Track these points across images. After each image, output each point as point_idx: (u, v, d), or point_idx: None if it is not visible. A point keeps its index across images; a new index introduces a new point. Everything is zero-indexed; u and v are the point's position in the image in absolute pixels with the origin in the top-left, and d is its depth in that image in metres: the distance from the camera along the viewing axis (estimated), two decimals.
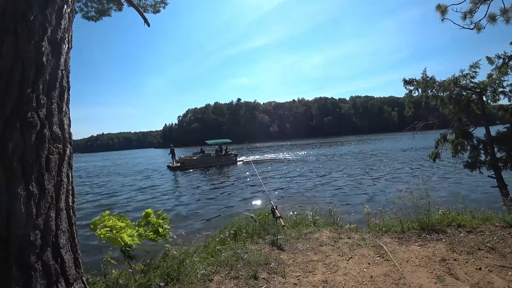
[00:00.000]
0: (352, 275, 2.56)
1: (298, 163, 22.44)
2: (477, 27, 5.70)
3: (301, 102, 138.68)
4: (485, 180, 7.46)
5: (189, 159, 22.45)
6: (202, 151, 24.23)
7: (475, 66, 6.39)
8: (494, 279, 2.35)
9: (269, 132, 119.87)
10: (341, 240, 3.47)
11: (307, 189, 11.48)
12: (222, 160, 23.36)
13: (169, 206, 9.80)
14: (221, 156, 23.64)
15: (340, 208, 6.22)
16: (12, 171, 1.40)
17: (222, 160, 23.41)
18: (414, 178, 12.27)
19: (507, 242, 3.01)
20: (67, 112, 1.78)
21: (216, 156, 23.50)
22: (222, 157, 23.64)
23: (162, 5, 5.76)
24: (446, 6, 5.59)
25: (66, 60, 1.79)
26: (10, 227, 1.38)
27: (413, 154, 21.59)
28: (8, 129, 1.42)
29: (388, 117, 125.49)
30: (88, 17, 5.52)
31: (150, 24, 5.19)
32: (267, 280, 2.51)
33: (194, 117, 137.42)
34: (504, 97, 6.33)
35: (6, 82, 1.45)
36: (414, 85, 6.96)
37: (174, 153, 23.82)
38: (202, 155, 23.54)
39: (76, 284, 1.67)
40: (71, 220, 1.74)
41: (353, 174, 14.69)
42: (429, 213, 3.80)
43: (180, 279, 2.51)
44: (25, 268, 1.40)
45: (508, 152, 6.22)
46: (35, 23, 1.56)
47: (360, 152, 28.38)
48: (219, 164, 22.66)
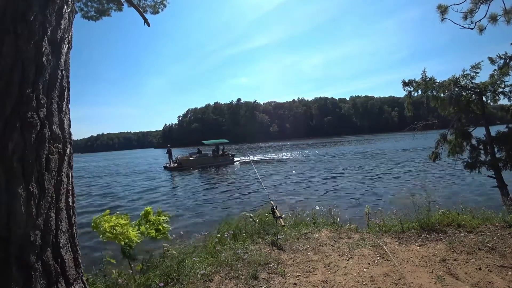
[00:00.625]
0: (352, 275, 2.56)
1: (298, 163, 22.44)
2: (479, 28, 5.71)
3: (301, 102, 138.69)
4: (485, 180, 7.47)
5: (186, 160, 22.33)
6: (199, 151, 24.01)
7: (476, 67, 6.39)
8: (494, 279, 2.35)
9: (269, 132, 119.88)
10: (341, 240, 3.47)
11: (307, 189, 11.47)
12: (219, 160, 23.26)
13: (168, 206, 9.78)
14: (218, 157, 23.53)
15: (340, 208, 6.23)
16: (12, 171, 1.40)
17: (219, 160, 23.29)
18: (414, 178, 12.28)
19: (507, 242, 3.01)
20: (67, 112, 1.78)
21: (213, 157, 23.36)
22: (219, 157, 23.53)
23: (161, 7, 5.76)
24: (447, 6, 5.59)
25: (66, 60, 1.79)
26: (10, 227, 1.38)
27: (413, 154, 21.58)
28: (8, 129, 1.42)
29: (388, 117, 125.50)
30: (88, 17, 5.51)
31: (150, 24, 5.19)
32: (267, 280, 2.51)
33: (194, 117, 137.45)
34: (504, 97, 6.34)
35: (6, 82, 1.45)
36: (413, 86, 6.97)
37: (171, 153, 23.66)
38: (199, 155, 23.34)
39: (76, 284, 1.67)
40: (71, 220, 1.74)
41: (353, 174, 14.70)
42: (429, 213, 3.80)
43: (180, 279, 2.51)
44: (25, 268, 1.40)
45: (508, 152, 6.22)
46: (35, 23, 1.56)
47: (360, 152, 28.37)
48: (216, 165, 22.57)
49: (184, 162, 21.99)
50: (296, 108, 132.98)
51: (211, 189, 12.99)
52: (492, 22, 5.46)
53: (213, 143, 25.48)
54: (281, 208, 5.04)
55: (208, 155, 23.71)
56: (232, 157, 24.88)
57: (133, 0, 5.07)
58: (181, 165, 21.64)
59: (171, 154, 23.50)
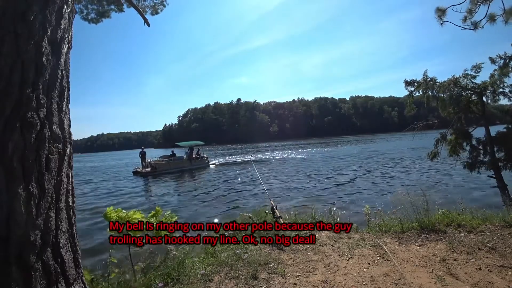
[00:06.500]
0: (352, 275, 2.56)
1: (298, 163, 22.44)
2: (476, 27, 5.70)
3: (301, 102, 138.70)
4: (485, 180, 7.47)
5: (160, 163, 20.46)
6: (173, 154, 22.18)
7: (477, 67, 6.40)
8: (494, 279, 2.35)
9: (269, 132, 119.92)
10: (341, 240, 3.47)
11: (307, 189, 11.47)
12: (195, 163, 22.12)
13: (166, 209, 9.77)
14: (194, 160, 22.25)
15: (340, 208, 6.23)
16: (12, 171, 1.40)
17: (195, 163, 22.19)
18: (414, 178, 12.28)
19: (507, 242, 3.01)
20: (67, 112, 1.78)
21: (188, 159, 21.85)
22: (194, 160, 22.32)
23: (160, 7, 5.75)
24: (445, 8, 5.59)
25: (66, 60, 1.79)
26: (10, 227, 1.38)
27: (413, 154, 21.58)
28: (8, 129, 1.42)
29: (388, 117, 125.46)
30: (88, 20, 5.49)
31: (150, 24, 5.19)
32: (267, 280, 2.51)
33: (194, 117, 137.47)
34: (504, 97, 6.35)
35: (6, 82, 1.45)
36: (415, 86, 6.99)
37: (145, 156, 21.35)
38: (174, 158, 21.58)
39: (76, 284, 1.67)
40: (71, 220, 1.73)
41: (353, 174, 14.69)
42: (429, 213, 3.80)
43: (180, 279, 2.51)
44: (25, 268, 1.39)
45: (507, 152, 6.23)
46: (35, 23, 1.56)
47: (360, 152, 28.37)
48: (192, 168, 21.28)
49: (158, 166, 19.96)
50: (296, 108, 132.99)
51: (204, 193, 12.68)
52: (491, 22, 5.45)
53: (188, 144, 23.81)
54: (281, 207, 5.04)
55: (183, 158, 22.10)
56: (208, 160, 24.00)
57: (133, 1, 5.07)
58: (155, 169, 19.60)
59: (144, 157, 21.21)
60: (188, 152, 22.47)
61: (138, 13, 4.81)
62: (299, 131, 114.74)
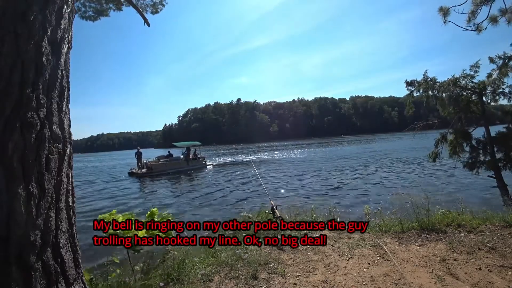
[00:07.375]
0: (352, 275, 2.56)
1: (298, 163, 22.44)
2: (478, 29, 5.70)
3: (301, 102, 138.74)
4: (485, 180, 7.47)
5: (156, 164, 20.04)
6: (170, 155, 21.79)
7: (476, 66, 6.41)
8: (494, 279, 2.35)
9: (269, 132, 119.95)
10: (341, 240, 3.47)
11: (307, 189, 11.47)
12: (191, 164, 21.71)
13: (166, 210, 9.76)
14: (190, 160, 21.86)
15: (340, 208, 6.23)
16: (12, 171, 1.40)
17: (192, 164, 21.77)
18: (414, 178, 12.28)
19: (507, 242, 3.01)
20: (67, 112, 1.77)
21: (185, 160, 21.45)
22: (191, 161, 21.93)
23: (160, 6, 5.74)
24: (448, 8, 5.59)
25: (66, 60, 1.79)
26: (10, 227, 1.38)
27: (413, 154, 21.58)
28: (8, 129, 1.41)
29: (388, 117, 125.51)
30: (86, 17, 5.47)
31: (150, 24, 5.18)
32: (267, 280, 2.51)
33: (194, 117, 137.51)
34: (504, 97, 6.35)
35: (6, 82, 1.44)
36: (415, 86, 7.00)
37: (141, 156, 20.74)
38: (170, 159, 21.15)
39: (76, 284, 1.66)
40: (71, 220, 1.73)
41: (353, 174, 14.70)
42: (429, 213, 3.80)
43: (180, 279, 2.51)
44: (25, 268, 1.39)
45: (507, 152, 6.23)
46: (35, 23, 1.56)
47: (360, 152, 28.37)
48: (189, 169, 20.88)
49: (153, 166, 19.56)
50: (296, 108, 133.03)
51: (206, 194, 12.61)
52: (493, 23, 5.45)
53: (185, 145, 23.30)
54: (281, 207, 5.04)
55: (179, 158, 21.66)
56: (205, 161, 23.67)
57: (132, 0, 5.06)
58: (151, 170, 19.14)
59: (140, 157, 20.55)
60: (185, 152, 22.16)
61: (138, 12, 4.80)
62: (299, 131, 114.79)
